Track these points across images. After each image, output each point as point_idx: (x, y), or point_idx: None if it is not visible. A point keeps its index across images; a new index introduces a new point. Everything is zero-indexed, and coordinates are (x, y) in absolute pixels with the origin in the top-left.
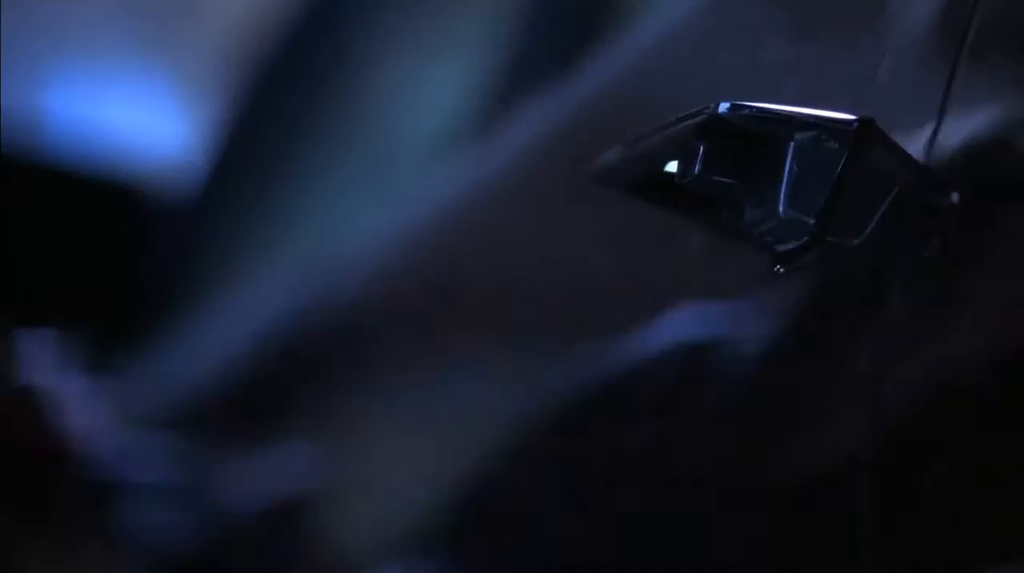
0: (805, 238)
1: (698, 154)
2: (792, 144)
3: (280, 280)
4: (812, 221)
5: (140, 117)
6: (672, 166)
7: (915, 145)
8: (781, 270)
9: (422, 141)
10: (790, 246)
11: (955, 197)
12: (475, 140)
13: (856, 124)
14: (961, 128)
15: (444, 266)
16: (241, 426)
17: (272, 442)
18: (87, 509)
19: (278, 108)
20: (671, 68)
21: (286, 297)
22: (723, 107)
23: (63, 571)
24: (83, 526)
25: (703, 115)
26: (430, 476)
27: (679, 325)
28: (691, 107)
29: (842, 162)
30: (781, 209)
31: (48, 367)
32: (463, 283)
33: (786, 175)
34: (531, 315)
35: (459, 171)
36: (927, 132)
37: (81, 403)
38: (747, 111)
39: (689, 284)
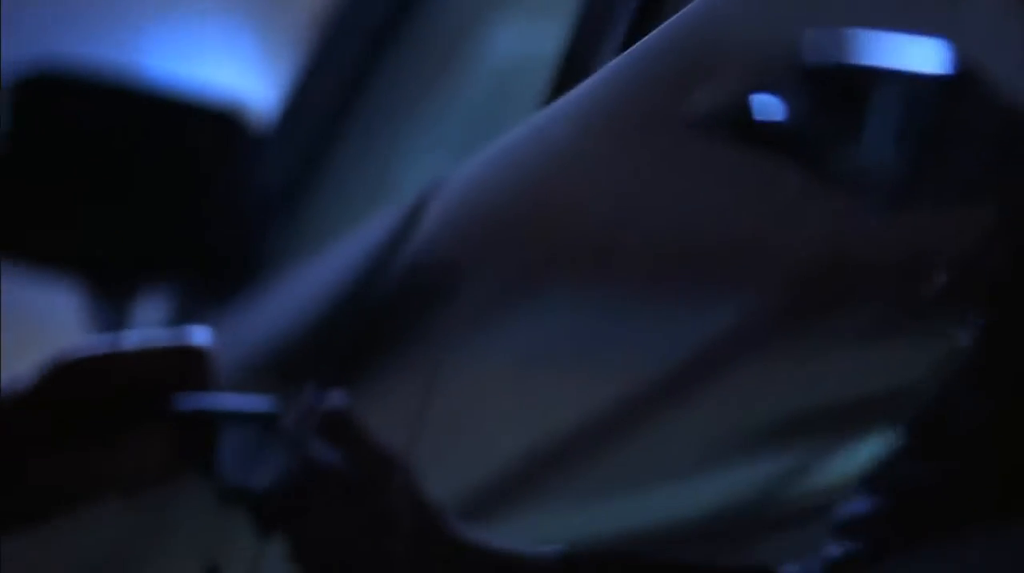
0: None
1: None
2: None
3: (376, 226)
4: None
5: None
6: (766, 107)
7: None
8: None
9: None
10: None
11: None
12: (575, 87)
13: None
14: None
15: (544, 210)
16: (336, 373)
17: (367, 388)
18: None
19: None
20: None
21: (381, 244)
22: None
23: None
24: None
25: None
26: (525, 426)
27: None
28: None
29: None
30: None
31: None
32: (563, 229)
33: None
34: (632, 262)
35: (558, 117)
36: None
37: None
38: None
39: (789, 232)
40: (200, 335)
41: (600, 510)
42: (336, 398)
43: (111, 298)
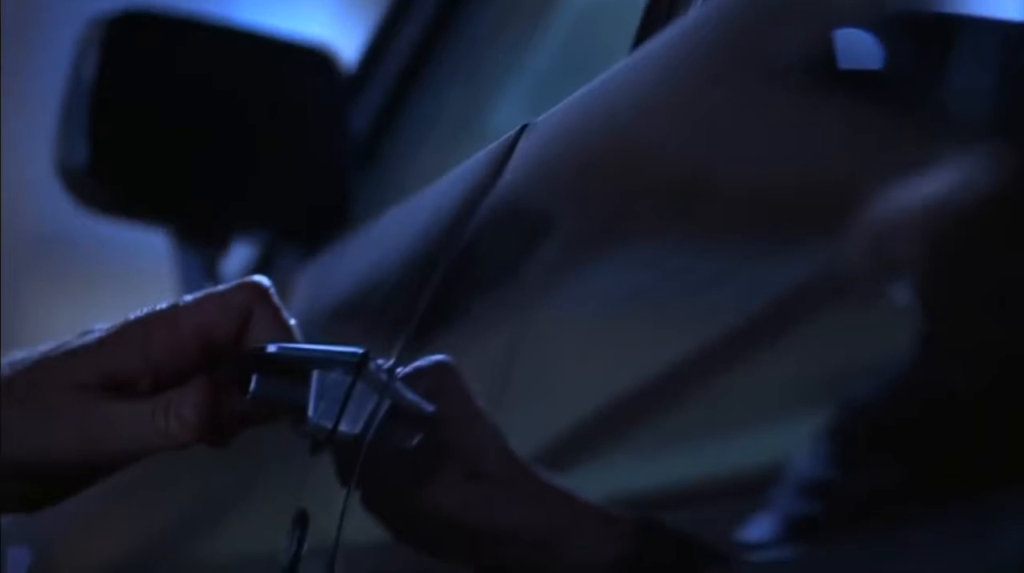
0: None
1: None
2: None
3: (464, 172)
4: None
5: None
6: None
7: None
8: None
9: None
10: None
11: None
12: (662, 31)
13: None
14: None
15: (631, 155)
16: (425, 320)
17: (455, 335)
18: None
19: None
20: None
21: (468, 189)
22: None
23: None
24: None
25: None
26: (610, 373)
27: None
28: None
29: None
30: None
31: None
32: (650, 174)
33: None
34: (719, 208)
35: (645, 61)
36: None
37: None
38: None
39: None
40: (260, 279)
41: (682, 459)
42: (424, 345)
43: (201, 248)
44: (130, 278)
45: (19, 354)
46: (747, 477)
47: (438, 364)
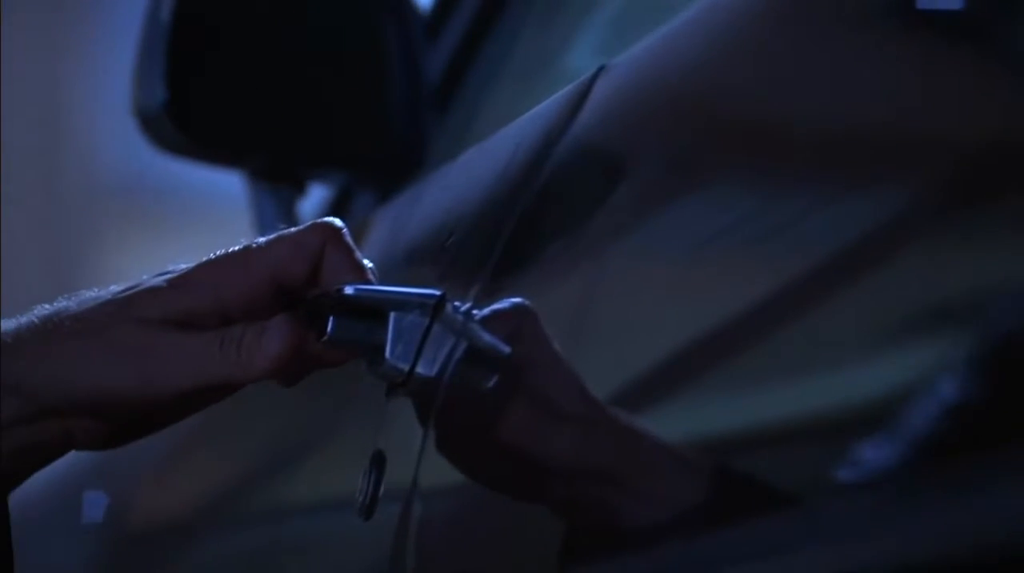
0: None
1: None
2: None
3: (541, 112)
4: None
5: None
6: None
7: None
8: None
9: None
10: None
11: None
12: None
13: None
14: None
15: (710, 95)
16: (501, 261)
17: (532, 276)
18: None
19: None
20: None
21: (545, 130)
22: None
23: None
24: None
25: None
26: (688, 312)
27: None
28: None
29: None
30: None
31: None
32: (729, 114)
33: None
34: (799, 147)
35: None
36: None
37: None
38: None
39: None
40: (333, 220)
41: (761, 400)
42: (501, 287)
43: (277, 190)
44: (207, 222)
45: (89, 293)
46: (830, 418)
47: (517, 307)
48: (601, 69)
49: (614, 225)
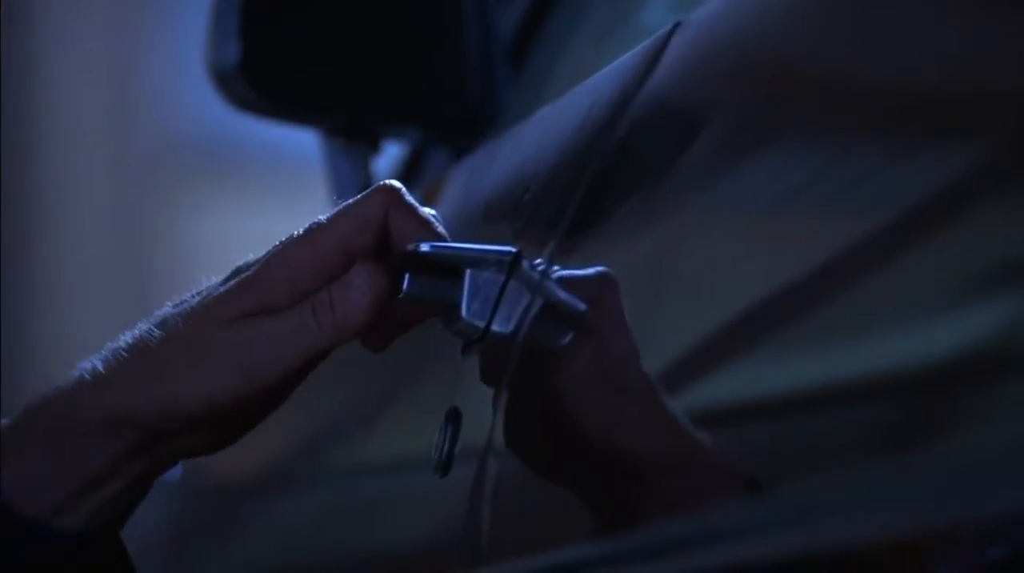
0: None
1: None
2: None
3: (616, 69)
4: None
5: None
6: None
7: None
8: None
9: None
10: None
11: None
12: None
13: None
14: None
15: (785, 51)
16: (577, 218)
17: (606, 233)
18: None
19: None
20: None
21: (620, 86)
22: None
23: None
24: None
25: None
26: (762, 268)
27: None
28: None
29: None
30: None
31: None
32: (805, 70)
33: None
34: (874, 104)
35: None
36: None
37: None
38: None
39: None
40: (391, 183)
41: (834, 355)
42: (576, 245)
43: (352, 148)
44: (283, 182)
45: (163, 310)
46: (911, 376)
47: (600, 274)
48: (677, 26)
49: (689, 183)
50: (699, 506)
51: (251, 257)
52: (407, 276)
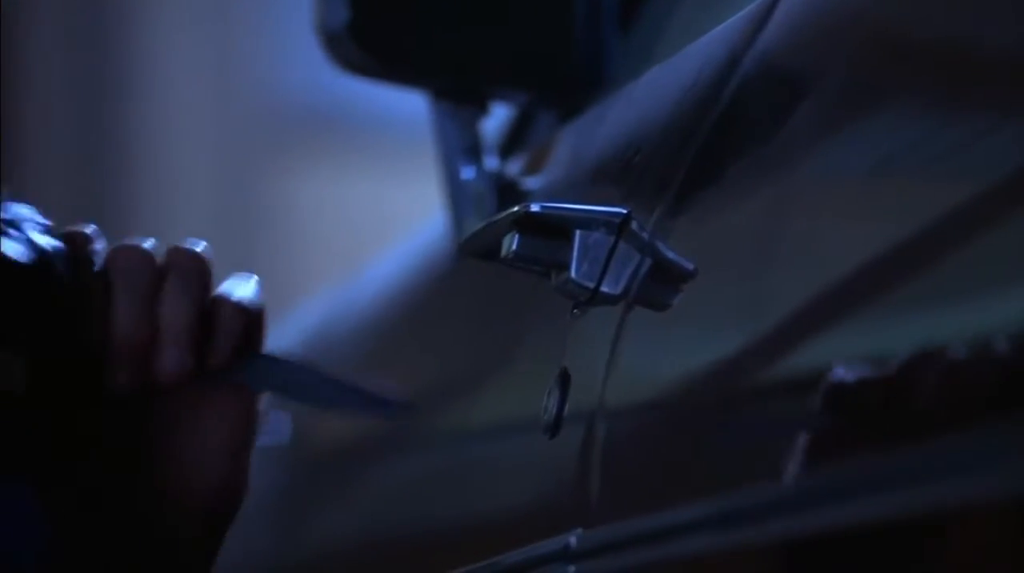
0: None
1: None
2: None
3: (722, 32)
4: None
5: None
6: None
7: None
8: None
9: None
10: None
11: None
12: None
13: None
14: None
15: (893, 17)
16: (685, 178)
17: (715, 192)
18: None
19: None
20: None
21: (726, 50)
22: None
23: None
24: None
25: None
26: (871, 231)
27: None
28: None
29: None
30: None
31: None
32: (911, 37)
33: None
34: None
35: None
36: None
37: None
38: None
39: None
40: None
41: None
42: (685, 206)
43: (460, 110)
44: (390, 146)
45: None
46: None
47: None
48: None
49: (798, 145)
50: (816, 467)
51: None
52: (516, 236)
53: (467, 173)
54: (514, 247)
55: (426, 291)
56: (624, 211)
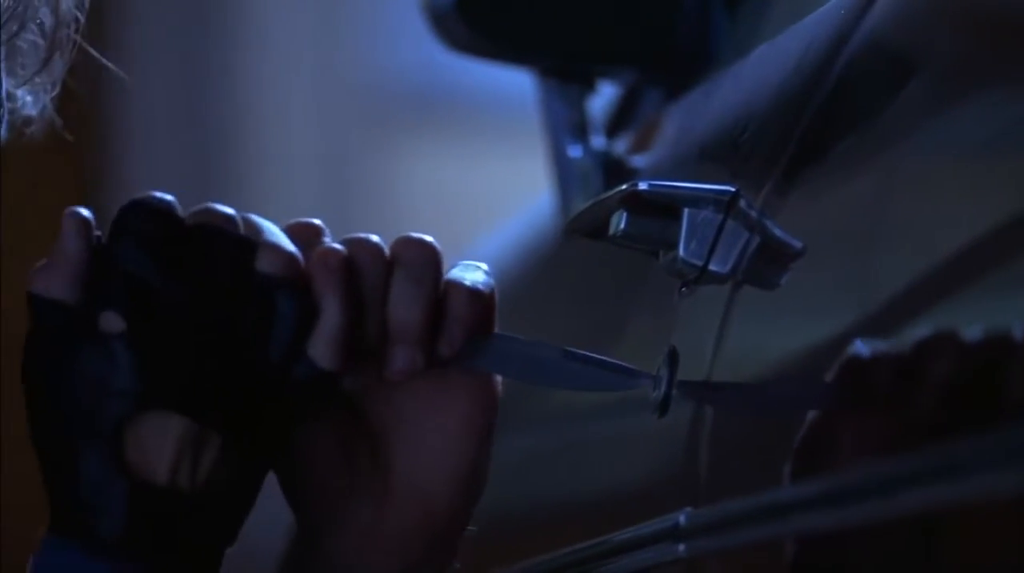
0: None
1: None
2: None
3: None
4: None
5: None
6: None
7: None
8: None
9: None
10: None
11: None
12: None
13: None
14: None
15: None
16: (791, 158)
17: (820, 175)
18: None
19: None
20: None
21: (831, 30)
22: None
23: None
24: None
25: None
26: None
27: None
28: None
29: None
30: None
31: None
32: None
33: None
34: None
35: None
36: None
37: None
38: None
39: None
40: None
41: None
42: (793, 185)
43: (567, 89)
44: (498, 124)
45: None
46: None
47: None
48: None
49: (906, 124)
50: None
51: None
52: (624, 215)
53: (574, 151)
54: (622, 226)
55: (533, 270)
56: (732, 189)
